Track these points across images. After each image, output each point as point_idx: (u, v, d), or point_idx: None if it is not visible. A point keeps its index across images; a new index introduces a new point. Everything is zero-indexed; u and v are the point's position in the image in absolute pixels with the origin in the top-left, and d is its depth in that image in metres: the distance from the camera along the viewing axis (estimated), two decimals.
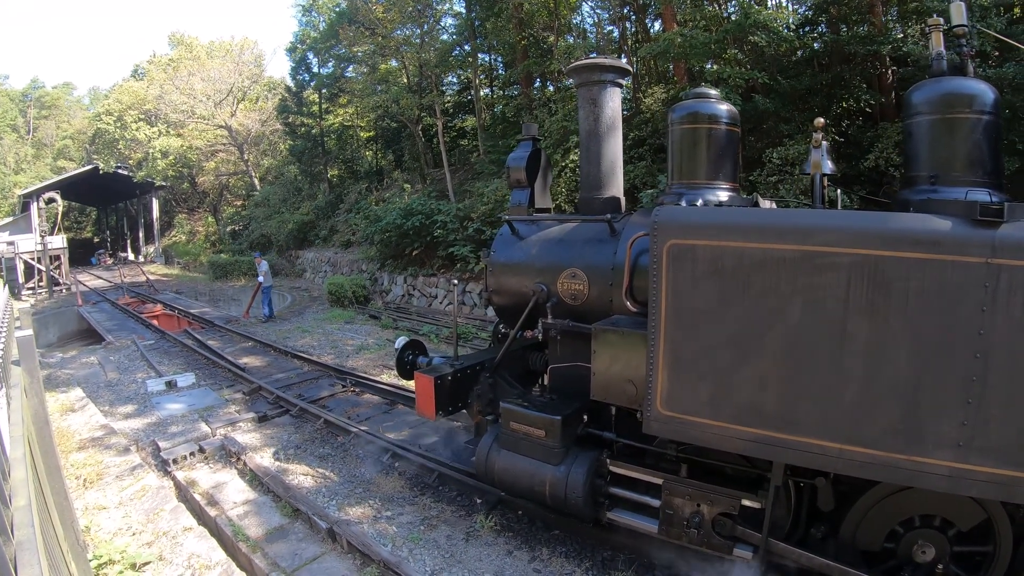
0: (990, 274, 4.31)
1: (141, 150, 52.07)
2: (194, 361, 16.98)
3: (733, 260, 5.16)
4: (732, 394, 5.29)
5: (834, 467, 5.02)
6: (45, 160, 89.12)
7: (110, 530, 7.22)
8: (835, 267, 4.77)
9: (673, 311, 5.45)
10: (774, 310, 5.03)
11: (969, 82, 5.17)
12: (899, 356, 4.64)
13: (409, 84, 31.18)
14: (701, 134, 6.41)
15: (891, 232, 4.63)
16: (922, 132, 5.32)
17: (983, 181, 5.04)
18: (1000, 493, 4.55)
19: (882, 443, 4.76)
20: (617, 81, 7.43)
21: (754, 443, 5.27)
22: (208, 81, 47.55)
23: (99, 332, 23.85)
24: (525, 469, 6.89)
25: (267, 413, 11.98)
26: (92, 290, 36.87)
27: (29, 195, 46.32)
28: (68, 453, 9.42)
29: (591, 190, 7.49)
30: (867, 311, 4.70)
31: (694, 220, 5.43)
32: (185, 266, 49.90)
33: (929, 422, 4.60)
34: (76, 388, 13.52)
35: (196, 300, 32.43)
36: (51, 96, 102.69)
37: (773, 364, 5.10)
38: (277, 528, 7.91)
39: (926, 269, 4.50)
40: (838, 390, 4.86)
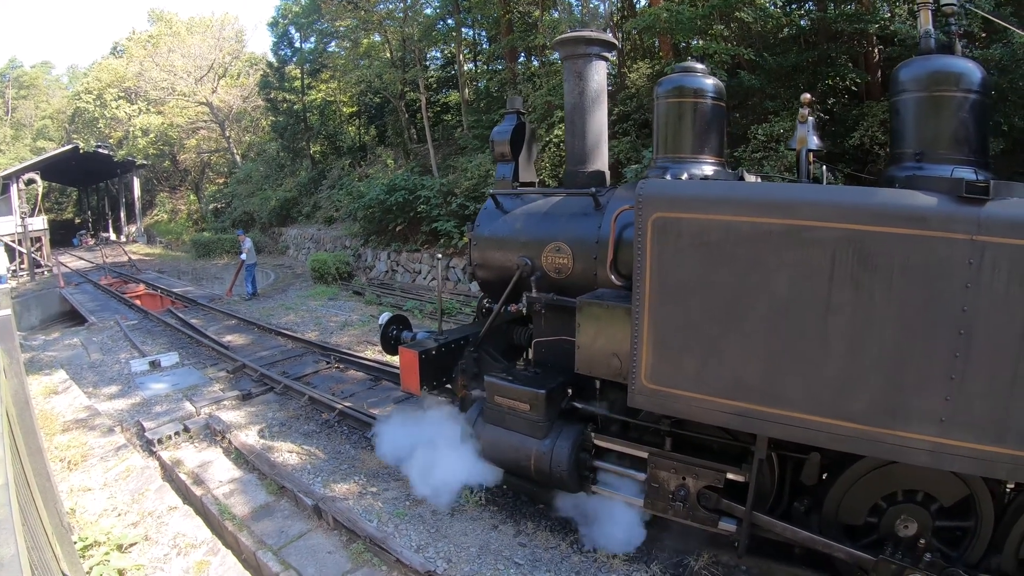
0: (974, 251, 4.31)
1: (121, 128, 51.51)
2: (178, 340, 16.89)
3: (718, 233, 5.13)
4: (716, 367, 5.29)
5: (817, 441, 5.04)
6: (24, 141, 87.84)
7: (95, 511, 7.18)
8: (820, 242, 4.76)
9: (657, 284, 5.44)
10: (759, 284, 5.02)
11: (957, 60, 5.15)
12: (883, 331, 4.66)
13: (392, 59, 30.91)
14: (687, 108, 6.38)
15: (877, 207, 4.62)
16: (908, 109, 5.31)
17: (969, 159, 5.04)
18: (981, 469, 4.59)
19: (866, 418, 4.79)
20: (603, 54, 7.35)
21: (738, 416, 5.28)
22: (188, 58, 47.00)
23: (82, 313, 23.68)
24: (510, 443, 6.92)
25: (251, 391, 11.95)
26: (74, 271, 36.61)
27: (8, 176, 45.62)
28: (52, 435, 9.36)
29: (576, 164, 7.44)
30: (851, 286, 4.70)
31: (679, 193, 5.40)
32: (167, 245, 49.56)
33: (912, 397, 4.63)
34: (59, 370, 13.42)
35: (179, 279, 32.22)
36: (29, 76, 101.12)
37: (757, 338, 5.10)
38: (263, 506, 7.90)
39: (911, 245, 4.50)
40: (822, 364, 4.87)
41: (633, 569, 6.47)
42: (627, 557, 6.59)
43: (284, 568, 6.61)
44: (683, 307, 5.37)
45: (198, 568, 6.29)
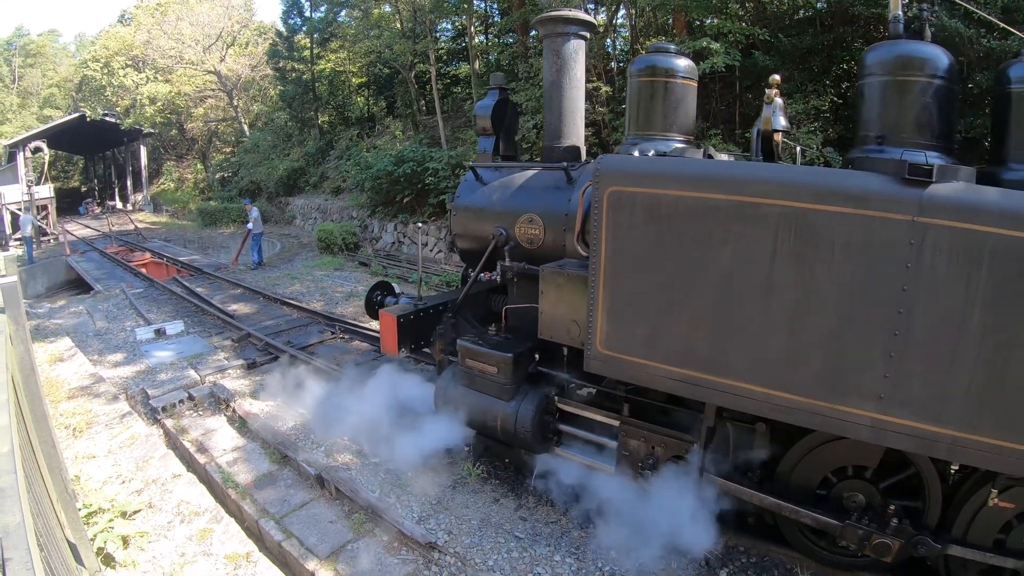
0: (915, 232, 4.44)
1: (129, 97, 51.25)
2: (183, 309, 16.92)
3: (669, 208, 5.39)
4: (666, 336, 5.59)
5: (761, 411, 5.26)
6: (31, 109, 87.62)
7: (100, 478, 7.23)
8: (764, 218, 4.95)
9: (612, 255, 5.75)
10: (706, 257, 5.24)
11: (923, 46, 5.22)
12: (825, 307, 4.82)
13: (403, 30, 30.65)
14: (658, 87, 6.66)
15: (820, 186, 4.78)
16: (873, 93, 5.39)
17: (931, 144, 5.14)
18: (921, 447, 4.73)
19: (808, 390, 4.98)
20: (581, 33, 7.51)
21: (686, 384, 5.56)
22: (197, 26, 46.68)
23: (87, 281, 23.72)
24: (479, 404, 7.26)
25: (256, 360, 11.99)
26: (80, 239, 36.60)
27: (15, 145, 45.56)
28: (57, 403, 9.40)
29: (552, 139, 7.66)
30: (794, 262, 4.88)
31: (633, 168, 5.68)
32: (174, 214, 49.51)
33: (853, 373, 4.80)
34: (65, 338, 13.46)
35: (185, 248, 32.20)
36: (36, 44, 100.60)
37: (704, 308, 5.34)
38: (266, 474, 7.95)
39: (853, 224, 4.64)
40: (766, 337, 5.08)
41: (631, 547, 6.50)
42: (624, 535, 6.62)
43: (286, 537, 6.66)
44: (635, 277, 5.68)
45: (201, 536, 6.34)
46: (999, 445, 4.43)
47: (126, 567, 5.99)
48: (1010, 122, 5.18)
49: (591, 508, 6.86)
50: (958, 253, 4.34)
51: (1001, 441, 4.42)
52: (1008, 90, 5.17)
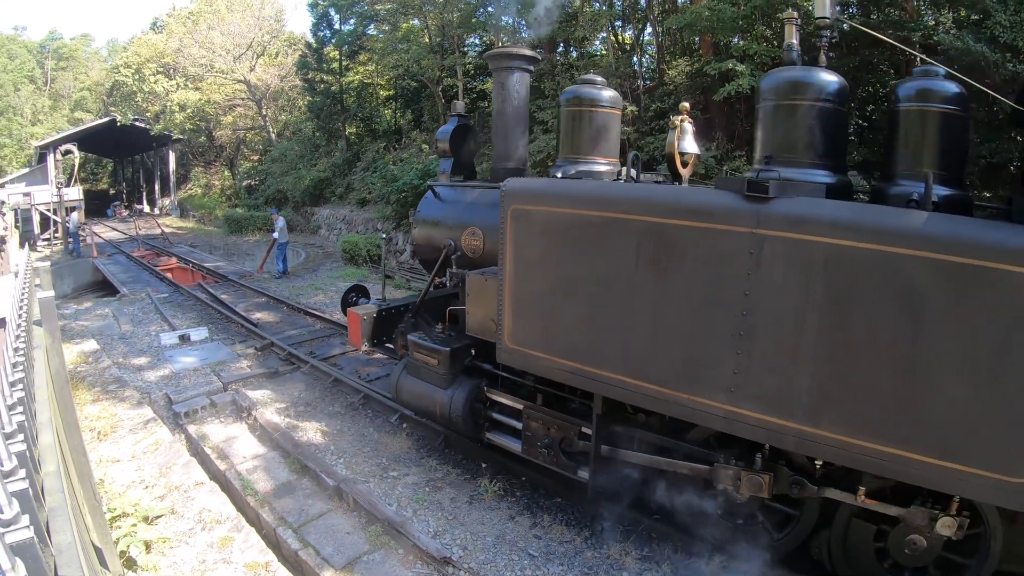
0: (755, 243, 4.96)
1: (159, 103, 51.83)
2: (207, 315, 17.11)
3: (556, 222, 6.26)
4: (556, 332, 6.39)
5: (634, 401, 5.97)
6: (62, 111, 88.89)
7: (124, 483, 7.36)
8: (629, 231, 5.68)
9: (514, 261, 6.63)
10: (585, 264, 6.05)
11: (813, 72, 5.70)
12: (681, 309, 5.46)
13: (431, 44, 30.87)
14: (584, 115, 7.48)
15: (674, 203, 5.47)
16: (766, 116, 5.88)
17: (815, 162, 5.61)
18: (769, 438, 5.19)
19: (670, 382, 5.60)
20: (525, 67, 8.33)
21: (574, 375, 6.32)
22: (228, 35, 47.11)
23: (114, 284, 24.04)
24: (423, 392, 8.13)
25: (278, 369, 12.13)
26: (107, 242, 37.07)
27: (46, 146, 46.21)
28: (83, 405, 9.56)
29: (499, 161, 8.48)
30: (654, 269, 5.56)
31: (530, 189, 6.57)
32: (200, 219, 49.95)
33: (707, 368, 5.36)
34: (90, 340, 13.67)
35: (210, 254, 32.51)
36: (69, 48, 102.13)
37: (585, 309, 6.12)
38: (285, 484, 8.05)
39: (701, 236, 5.26)
40: (634, 335, 5.76)
41: (645, 568, 6.53)
42: (640, 555, 6.65)
43: (303, 546, 6.75)
44: (532, 280, 6.53)
45: (222, 544, 6.43)
46: (842, 440, 4.81)
47: (148, 571, 6.10)
48: (897, 139, 5.58)
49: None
50: (793, 261, 4.84)
51: (842, 436, 4.80)
52: (896, 108, 5.57)
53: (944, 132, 5.31)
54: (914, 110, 5.42)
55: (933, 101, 5.32)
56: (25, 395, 2.21)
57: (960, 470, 4.41)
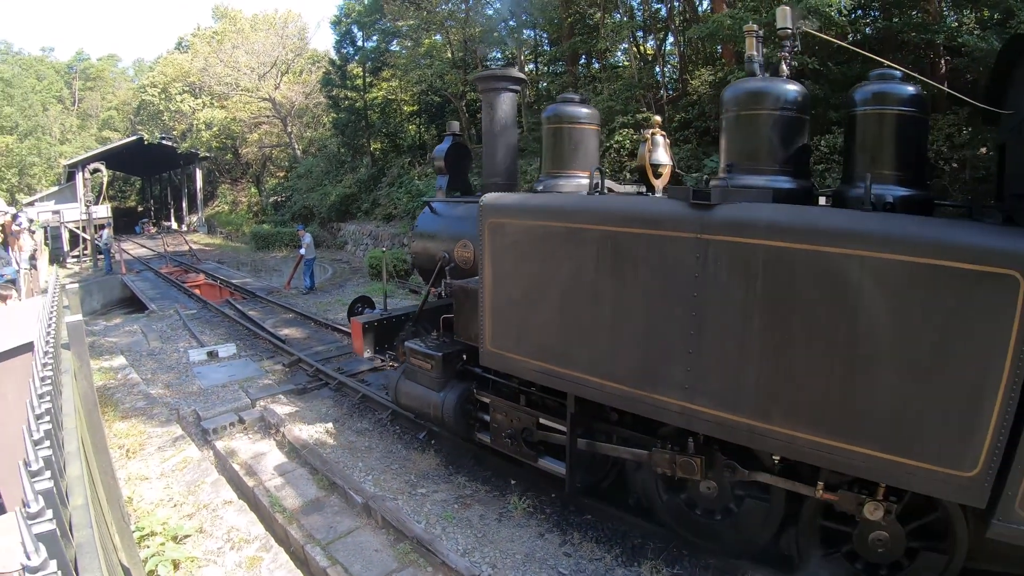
0: (700, 247, 5.29)
1: (185, 121, 52.43)
2: (235, 331, 17.20)
3: (526, 234, 6.71)
4: (530, 335, 6.82)
5: (599, 398, 6.32)
6: (90, 131, 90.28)
7: (152, 500, 7.35)
8: (589, 240, 6.09)
9: (492, 271, 7.10)
10: (552, 271, 6.47)
11: (771, 83, 5.81)
12: (638, 311, 5.81)
13: (453, 59, 31.00)
14: (563, 131, 7.76)
15: (626, 213, 5.85)
16: (728, 127, 6.03)
17: (775, 169, 5.73)
18: (723, 433, 5.45)
19: (632, 381, 5.94)
20: (511, 88, 8.77)
21: (545, 375, 6.76)
22: (252, 54, 47.59)
23: (142, 300, 24.23)
24: (420, 395, 8.54)
25: (306, 385, 12.13)
26: (136, 259, 37.44)
27: (74, 165, 46.87)
28: (111, 423, 9.60)
29: (490, 176, 8.77)
30: (612, 274, 5.94)
31: (503, 204, 7.02)
32: (228, 236, 50.39)
33: (663, 367, 5.69)
34: (119, 356, 13.77)
35: (238, 270, 32.77)
36: (96, 68, 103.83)
37: (553, 313, 6.54)
38: (313, 500, 8.02)
39: (652, 242, 5.64)
40: (597, 336, 6.15)
41: None
42: (671, 573, 6.54)
43: (331, 563, 6.70)
44: (508, 288, 6.97)
45: (250, 563, 6.39)
46: (790, 434, 5.01)
47: None
48: (854, 143, 5.69)
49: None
50: (735, 264, 5.13)
51: (790, 430, 5.00)
52: (852, 113, 5.66)
53: (901, 133, 5.38)
54: (871, 113, 5.49)
55: (889, 104, 5.39)
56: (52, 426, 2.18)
57: (909, 464, 4.53)
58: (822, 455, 4.91)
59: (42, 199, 49.13)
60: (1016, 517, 4.27)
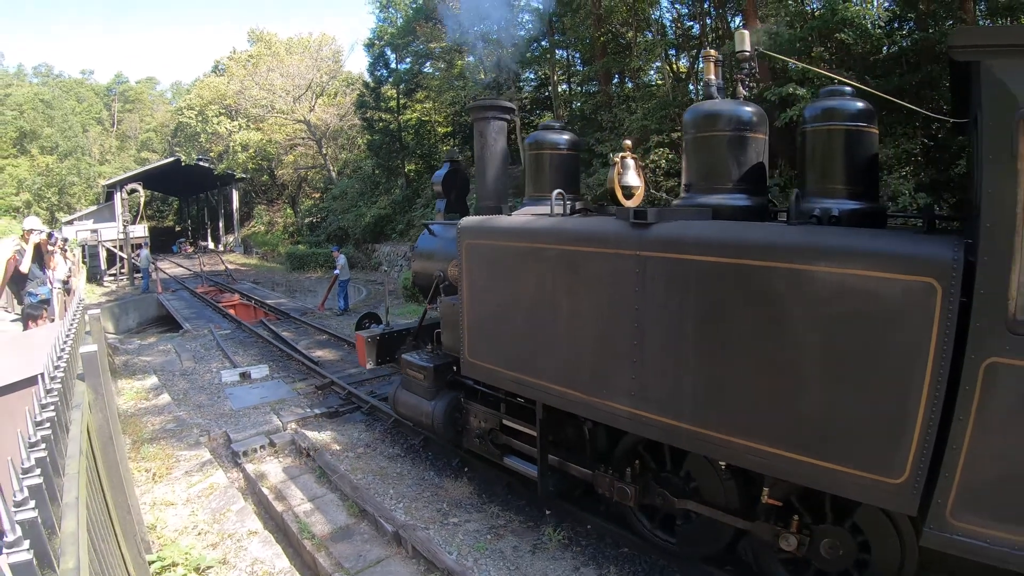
0: (639, 263, 5.72)
1: (222, 143, 53.10)
2: (268, 353, 17.16)
3: (496, 253, 7.36)
4: (502, 346, 7.41)
5: (561, 405, 6.80)
6: (129, 152, 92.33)
7: (176, 528, 7.19)
8: (548, 258, 6.64)
9: (469, 287, 7.80)
10: (519, 287, 7.05)
11: (725, 105, 6.09)
12: (590, 324, 6.28)
13: (487, 80, 31.01)
14: (545, 157, 8.18)
15: (579, 232, 6.37)
16: (688, 147, 6.36)
17: (730, 187, 6.02)
18: (666, 437, 5.84)
19: (587, 388, 6.40)
20: (501, 117, 9.19)
21: (516, 383, 7.31)
22: (287, 77, 48.14)
23: (177, 320, 24.36)
24: (414, 404, 9.14)
25: (338, 409, 12.01)
26: (172, 278, 37.81)
27: (113, 185, 47.69)
28: (140, 444, 9.53)
29: (481, 199, 9.23)
30: (568, 289, 6.46)
31: (477, 226, 7.71)
32: (263, 256, 50.82)
33: (613, 375, 6.11)
34: (152, 376, 13.76)
35: (273, 291, 32.90)
36: (135, 90, 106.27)
37: (519, 325, 7.11)
38: (342, 528, 7.84)
39: (599, 259, 6.11)
40: (558, 346, 6.64)
41: None
42: None
43: None
44: (483, 303, 7.65)
45: None
46: (727, 439, 5.27)
47: None
48: (806, 158, 5.75)
49: None
50: (670, 277, 5.54)
51: (728, 436, 5.26)
52: (804, 129, 5.74)
53: (850, 148, 5.44)
54: (821, 129, 5.56)
55: (837, 119, 5.46)
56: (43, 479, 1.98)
57: (841, 471, 4.64)
58: (760, 461, 5.11)
59: (81, 218, 50.28)
60: (947, 526, 4.24)
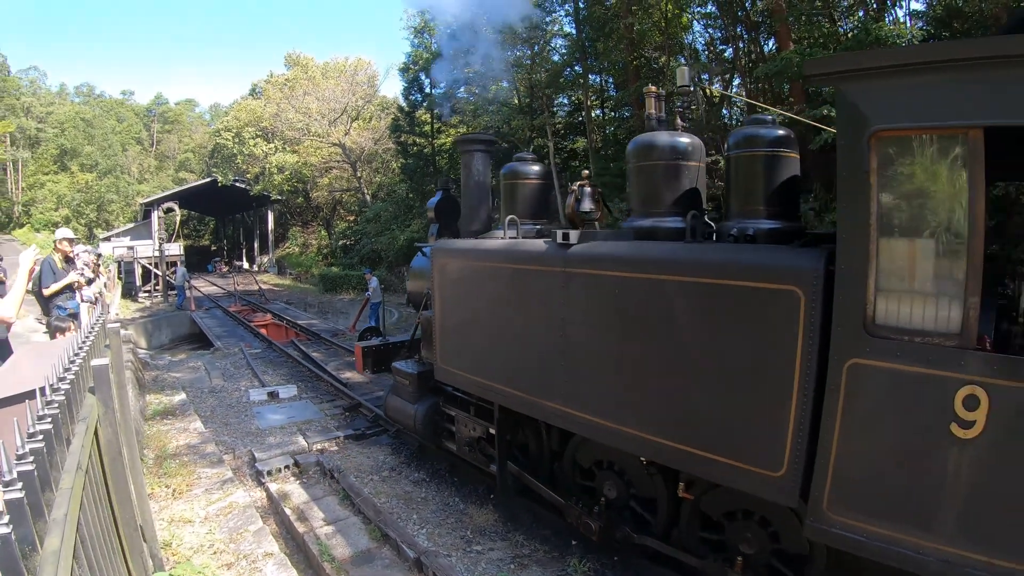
0: (565, 279, 6.46)
1: (258, 165, 53.78)
2: (298, 373, 17.15)
3: (461, 271, 8.32)
4: (466, 353, 8.25)
5: (511, 405, 7.55)
6: (167, 171, 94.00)
7: (191, 545, 7.03)
8: (500, 275, 7.49)
9: (440, 301, 8.70)
10: (479, 301, 7.93)
11: (659, 136, 6.58)
12: (531, 332, 7.00)
13: (520, 105, 31.07)
14: (519, 186, 8.74)
15: (520, 253, 7.16)
16: (629, 175, 6.90)
17: (669, 211, 6.49)
18: (591, 433, 6.45)
19: (530, 390, 7.11)
20: (485, 150, 9.91)
21: (478, 387, 8.08)
22: (323, 100, 48.62)
23: (209, 337, 24.49)
24: (400, 407, 10.03)
25: (365, 431, 11.92)
26: (206, 296, 38.12)
27: (150, 203, 48.32)
28: (163, 459, 9.47)
29: (465, 224, 9.83)
30: (514, 302, 7.25)
31: (446, 248, 8.73)
32: (297, 277, 51.12)
33: (550, 376, 6.74)
34: (180, 392, 13.76)
35: (305, 311, 33.03)
36: (174, 112, 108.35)
37: (481, 334, 7.94)
38: (364, 552, 7.69)
39: (536, 275, 6.88)
40: (506, 352, 7.46)
41: None
42: None
43: None
44: (452, 314, 8.53)
45: None
46: (642, 436, 5.80)
47: None
48: (730, 182, 6.17)
49: None
50: (589, 291, 6.24)
51: (642, 433, 5.79)
52: (729, 155, 6.14)
53: (769, 172, 5.77)
54: (743, 156, 5.89)
55: (758, 146, 5.78)
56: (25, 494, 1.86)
57: (733, 465, 5.08)
58: (670, 457, 5.65)
59: (118, 235, 50.96)
60: (825, 519, 4.50)
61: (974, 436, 3.84)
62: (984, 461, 3.83)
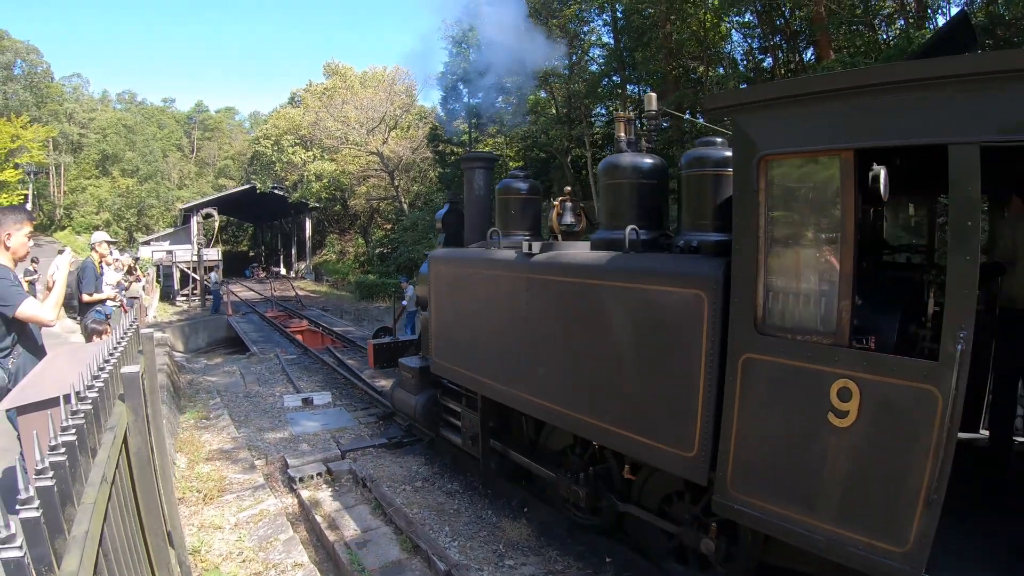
0: (529, 283, 7.32)
1: (296, 172, 54.32)
2: (332, 380, 17.14)
3: (450, 276, 9.34)
4: (456, 348, 9.17)
5: (491, 395, 8.35)
6: (207, 178, 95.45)
7: (220, 552, 6.95)
8: (484, 280, 8.40)
9: (435, 302, 9.67)
10: (466, 302, 8.90)
11: (625, 156, 7.00)
12: (505, 328, 7.85)
13: (558, 115, 30.99)
14: (511, 200, 9.25)
15: (496, 260, 8.11)
16: (601, 192, 7.36)
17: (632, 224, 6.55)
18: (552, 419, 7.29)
19: (504, 381, 7.91)
20: (486, 167, 10.62)
21: (467, 379, 8.90)
22: (361, 109, 48.89)
23: (245, 342, 24.64)
24: (404, 398, 10.93)
25: (400, 440, 11.79)
26: (243, 301, 38.43)
27: (190, 209, 49.06)
28: (195, 463, 9.45)
29: (470, 235, 10.30)
30: (493, 303, 8.16)
31: (441, 255, 9.78)
32: (333, 284, 51.47)
33: (523, 368, 7.51)
34: (215, 396, 13.79)
35: (341, 318, 33.12)
36: (214, 119, 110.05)
37: (468, 332, 8.85)
38: (394, 563, 7.55)
39: (507, 280, 7.78)
40: (489, 348, 8.27)
41: None
42: None
43: None
44: (443, 314, 9.50)
45: None
46: (588, 421, 6.54)
47: None
48: (680, 200, 6.47)
49: None
50: (546, 294, 7.10)
51: (590, 419, 6.52)
52: (680, 174, 6.39)
53: (716, 190, 6.03)
54: (693, 175, 6.19)
55: (707, 166, 6.07)
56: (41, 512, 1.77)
57: (656, 446, 5.74)
58: (612, 440, 6.34)
59: (158, 239, 51.81)
60: (728, 495, 5.04)
61: (848, 425, 4.31)
62: (858, 448, 4.28)
